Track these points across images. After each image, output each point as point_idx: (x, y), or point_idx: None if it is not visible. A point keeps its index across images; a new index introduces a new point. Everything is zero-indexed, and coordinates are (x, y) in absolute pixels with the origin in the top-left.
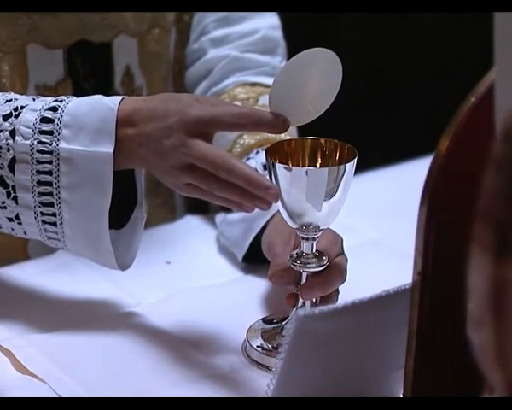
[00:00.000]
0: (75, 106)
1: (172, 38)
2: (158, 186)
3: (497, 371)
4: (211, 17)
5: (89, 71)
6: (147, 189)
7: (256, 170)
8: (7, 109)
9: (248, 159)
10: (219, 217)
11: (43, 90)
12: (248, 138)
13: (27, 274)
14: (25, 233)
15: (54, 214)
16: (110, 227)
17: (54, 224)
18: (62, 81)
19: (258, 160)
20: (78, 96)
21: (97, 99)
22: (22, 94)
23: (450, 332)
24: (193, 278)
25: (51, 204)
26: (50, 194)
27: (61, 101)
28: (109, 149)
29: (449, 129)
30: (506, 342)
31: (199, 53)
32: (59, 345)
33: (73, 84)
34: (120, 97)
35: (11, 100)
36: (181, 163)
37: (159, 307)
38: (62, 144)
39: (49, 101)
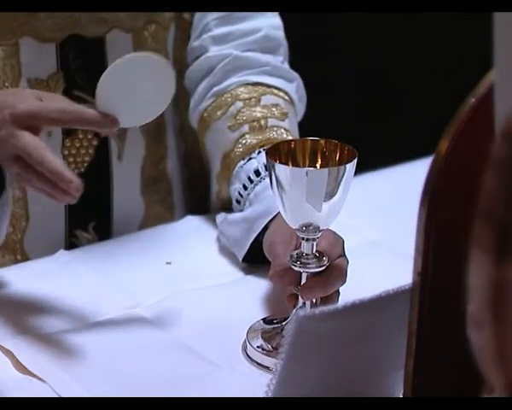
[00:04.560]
0: None
1: (171, 36)
2: (156, 183)
3: (497, 372)
4: (212, 15)
5: (81, 65)
6: (144, 186)
7: (259, 170)
8: None
9: (250, 159)
10: (220, 217)
11: (35, 84)
12: (250, 138)
13: (27, 274)
14: None
15: None
16: None
17: None
18: (54, 75)
19: (259, 160)
20: (70, 90)
21: None
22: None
23: (450, 332)
24: (193, 278)
25: None
26: None
27: None
28: None
29: (449, 129)
30: (506, 343)
31: (200, 50)
32: (59, 345)
33: (65, 78)
34: None
35: None
36: (10, 154)
37: (159, 307)
38: None
39: None
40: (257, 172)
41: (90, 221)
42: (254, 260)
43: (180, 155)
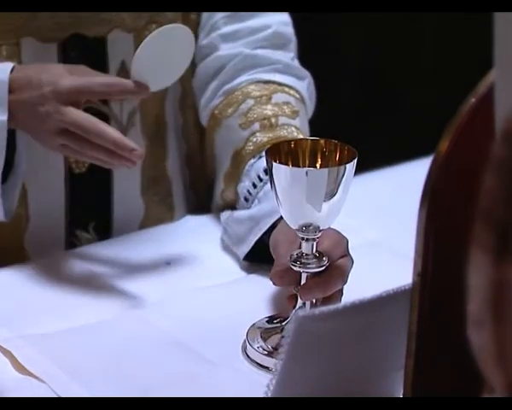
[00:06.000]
0: None
1: None
2: (156, 184)
3: (497, 372)
4: (220, 14)
5: (83, 65)
6: (144, 186)
7: None
8: None
9: (261, 157)
10: (225, 214)
11: None
12: (261, 136)
13: (27, 274)
14: None
15: None
16: None
17: None
18: None
19: None
20: None
21: None
22: None
23: (450, 333)
24: (193, 278)
25: None
26: None
27: None
28: (3, 116)
29: (449, 129)
30: (506, 343)
31: (209, 49)
32: (59, 345)
33: None
34: (10, 66)
35: None
36: (56, 128)
37: (159, 308)
38: None
39: None
40: (267, 171)
41: (91, 221)
42: (255, 258)
43: (181, 155)
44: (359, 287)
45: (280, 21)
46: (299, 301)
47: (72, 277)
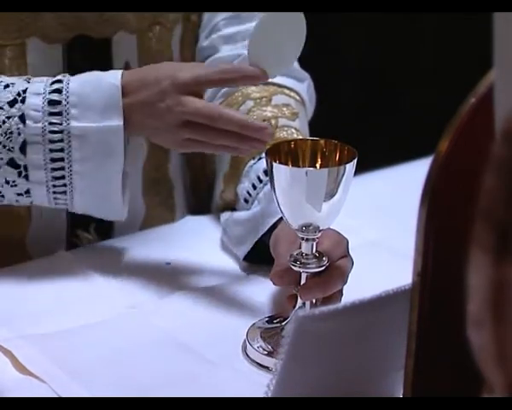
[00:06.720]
0: (79, 86)
1: (176, 38)
2: (157, 185)
3: (497, 372)
4: (221, 15)
5: (88, 66)
6: (146, 187)
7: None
8: (9, 96)
9: (260, 158)
10: (225, 215)
11: None
12: None
13: (27, 274)
14: (31, 203)
15: (64, 185)
16: None
17: (64, 192)
18: None
19: None
20: None
21: (99, 77)
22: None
23: (450, 332)
24: (193, 278)
25: (63, 177)
26: (62, 168)
27: (61, 81)
28: (119, 121)
29: (449, 129)
30: (506, 343)
31: (210, 50)
32: (59, 345)
33: None
34: (120, 72)
35: (8, 85)
36: (178, 121)
37: (159, 308)
38: (73, 123)
39: (48, 82)
40: (266, 172)
41: (92, 222)
42: (255, 258)
43: (182, 156)
44: (359, 287)
45: None
46: (299, 301)
47: (73, 277)
